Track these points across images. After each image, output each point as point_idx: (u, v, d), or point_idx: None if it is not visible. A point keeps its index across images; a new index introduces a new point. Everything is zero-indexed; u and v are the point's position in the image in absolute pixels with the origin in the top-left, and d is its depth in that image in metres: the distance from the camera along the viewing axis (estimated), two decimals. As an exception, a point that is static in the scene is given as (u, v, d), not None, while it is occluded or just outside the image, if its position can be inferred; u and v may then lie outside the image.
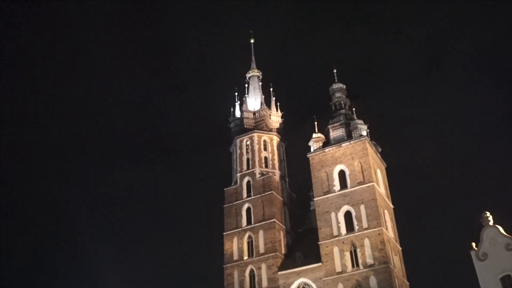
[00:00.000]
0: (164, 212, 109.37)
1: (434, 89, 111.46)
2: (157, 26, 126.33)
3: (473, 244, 38.40)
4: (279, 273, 51.25)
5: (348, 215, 50.45)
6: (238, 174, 59.38)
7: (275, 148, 61.28)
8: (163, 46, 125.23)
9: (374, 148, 55.42)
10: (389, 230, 50.87)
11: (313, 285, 49.20)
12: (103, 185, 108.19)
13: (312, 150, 55.67)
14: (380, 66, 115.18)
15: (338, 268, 48.31)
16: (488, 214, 38.83)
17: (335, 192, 52.15)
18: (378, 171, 54.45)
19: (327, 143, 55.86)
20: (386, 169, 57.35)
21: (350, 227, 49.74)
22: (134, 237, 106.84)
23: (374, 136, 56.79)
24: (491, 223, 38.45)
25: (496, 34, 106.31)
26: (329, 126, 57.05)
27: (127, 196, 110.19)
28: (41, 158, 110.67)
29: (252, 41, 71.77)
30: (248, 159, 60.03)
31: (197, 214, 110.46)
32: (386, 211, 51.84)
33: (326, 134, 56.69)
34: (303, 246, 53.33)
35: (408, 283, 50.73)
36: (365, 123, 55.44)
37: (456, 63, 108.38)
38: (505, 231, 37.79)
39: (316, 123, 57.64)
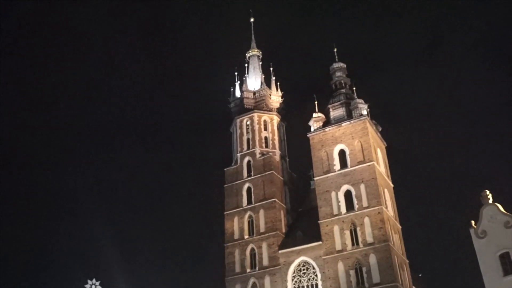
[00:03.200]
0: (165, 193, 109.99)
1: (434, 69, 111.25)
2: (155, 6, 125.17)
3: (472, 222, 38.78)
4: (280, 251, 51.67)
5: (348, 194, 50.65)
6: (239, 154, 59.43)
7: (275, 128, 61.21)
8: (161, 27, 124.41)
9: (374, 128, 55.34)
10: (389, 209, 51.12)
11: (313, 263, 49.65)
12: (103, 169, 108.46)
13: (312, 129, 55.60)
14: (381, 46, 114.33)
15: (338, 247, 48.68)
16: (487, 192, 39.10)
17: (335, 171, 52.25)
18: (378, 151, 54.47)
19: (327, 122, 55.78)
20: (386, 148, 57.36)
21: (350, 206, 49.97)
22: (136, 218, 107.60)
23: (374, 115, 56.77)
24: (490, 201, 38.75)
25: (497, 17, 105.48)
26: (329, 106, 56.89)
27: (128, 178, 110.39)
28: (39, 143, 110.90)
29: (252, 20, 70.97)
30: (248, 139, 60.00)
31: (198, 194, 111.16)
32: (386, 190, 52.03)
33: (327, 114, 56.57)
34: (303, 225, 53.63)
35: (407, 261, 51.19)
36: (365, 102, 55.25)
37: (457, 44, 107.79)
38: (504, 209, 38.08)
39: (316, 102, 57.48)
